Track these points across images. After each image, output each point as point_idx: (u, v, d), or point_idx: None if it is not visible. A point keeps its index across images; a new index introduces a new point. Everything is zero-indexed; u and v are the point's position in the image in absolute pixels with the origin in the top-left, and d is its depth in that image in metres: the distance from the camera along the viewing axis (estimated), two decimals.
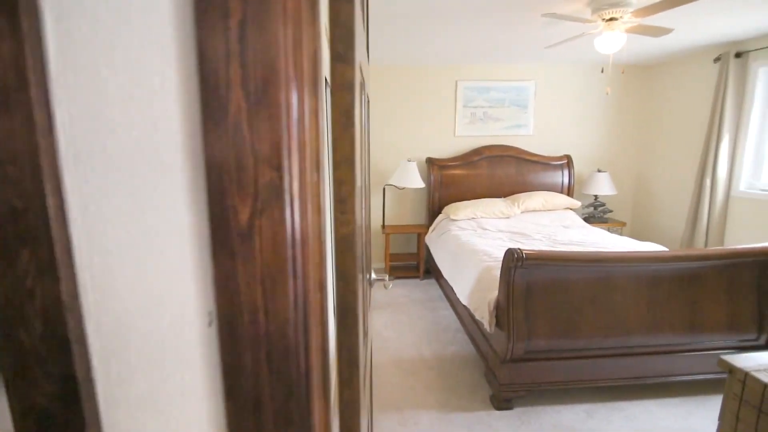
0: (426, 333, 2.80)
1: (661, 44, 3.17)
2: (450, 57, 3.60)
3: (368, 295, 1.04)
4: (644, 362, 1.97)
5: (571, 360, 1.92)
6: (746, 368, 1.00)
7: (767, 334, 2.00)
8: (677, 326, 1.95)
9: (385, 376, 2.28)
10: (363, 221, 0.72)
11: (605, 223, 4.05)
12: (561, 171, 4.08)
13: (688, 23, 2.57)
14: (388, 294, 3.57)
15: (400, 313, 3.17)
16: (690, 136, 3.66)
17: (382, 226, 4.02)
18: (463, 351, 2.54)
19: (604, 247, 2.80)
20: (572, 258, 1.75)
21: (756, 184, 3.13)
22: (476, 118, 4.10)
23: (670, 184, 3.93)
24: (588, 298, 1.89)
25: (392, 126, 4.07)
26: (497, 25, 2.56)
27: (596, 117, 4.21)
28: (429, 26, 2.63)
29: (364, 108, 0.69)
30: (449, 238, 3.31)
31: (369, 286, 1.11)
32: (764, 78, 2.99)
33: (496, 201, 3.78)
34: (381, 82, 3.96)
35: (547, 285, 1.85)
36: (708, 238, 3.37)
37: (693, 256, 1.81)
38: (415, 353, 2.52)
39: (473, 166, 4.04)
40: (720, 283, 1.96)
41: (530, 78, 4.06)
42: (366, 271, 1.10)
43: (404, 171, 3.74)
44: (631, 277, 1.90)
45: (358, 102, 0.46)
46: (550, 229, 3.38)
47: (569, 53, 3.48)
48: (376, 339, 2.73)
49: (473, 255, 2.69)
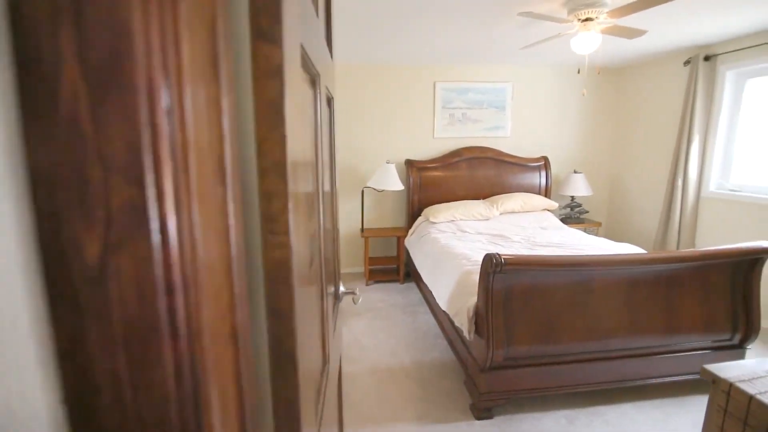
0: (405, 339, 2.73)
1: (634, 47, 3.22)
2: (427, 57, 3.55)
3: (334, 311, 0.95)
4: (623, 365, 1.95)
5: (551, 366, 1.88)
6: (730, 378, 0.96)
7: (741, 333, 2.03)
8: (655, 328, 1.95)
9: (362, 387, 2.19)
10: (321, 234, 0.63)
11: (581, 223, 4.09)
12: (538, 172, 4.10)
13: (660, 25, 2.60)
14: (368, 299, 3.48)
15: (380, 318, 3.08)
16: (662, 137, 3.74)
17: (361, 230, 3.93)
18: (443, 357, 2.48)
19: (582, 248, 2.80)
20: (551, 262, 1.71)
21: (725, 185, 3.21)
22: (455, 119, 4.07)
23: (644, 184, 4.00)
24: (567, 303, 1.86)
25: (371, 127, 3.99)
26: (473, 24, 2.52)
27: (572, 119, 4.25)
28: (404, 24, 2.56)
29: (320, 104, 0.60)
30: (428, 241, 3.26)
31: (337, 301, 1.01)
32: (732, 81, 3.07)
33: (475, 203, 3.75)
34: (357, 82, 3.88)
35: (526, 290, 1.81)
36: (680, 237, 3.44)
37: (670, 258, 1.81)
38: (393, 361, 2.44)
39: (452, 167, 4.00)
40: (695, 285, 1.97)
41: (508, 80, 4.07)
42: (334, 283, 1.01)
43: (383, 173, 3.66)
44: (610, 280, 1.88)
45: (296, 93, 0.38)
46: (528, 231, 3.37)
47: (546, 55, 3.49)
48: (353, 347, 2.63)
49: (452, 259, 2.63)
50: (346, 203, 4.09)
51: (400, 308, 3.28)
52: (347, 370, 2.34)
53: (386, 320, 3.06)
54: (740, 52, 2.94)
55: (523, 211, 3.77)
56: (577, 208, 4.18)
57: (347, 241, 4.17)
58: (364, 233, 3.80)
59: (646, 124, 3.94)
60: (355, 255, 4.21)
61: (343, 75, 3.84)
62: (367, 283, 3.84)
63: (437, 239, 3.19)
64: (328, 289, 0.84)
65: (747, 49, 2.88)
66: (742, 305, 2.00)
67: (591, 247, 2.81)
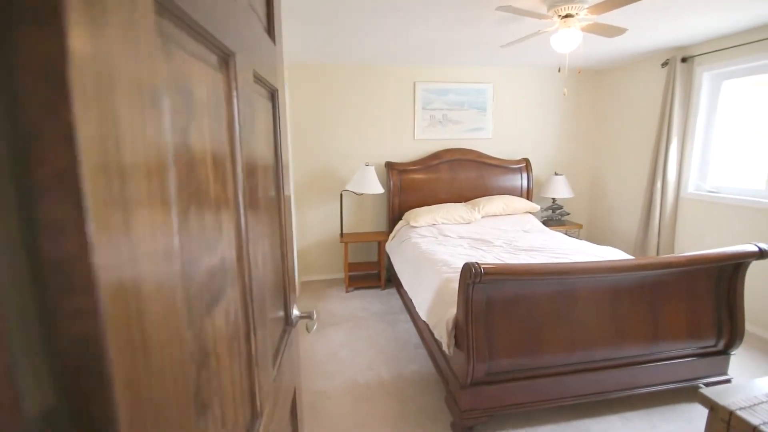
0: (385, 351, 2.60)
1: (613, 48, 3.19)
2: (407, 57, 3.44)
3: (284, 341, 0.81)
4: (608, 376, 1.87)
5: (535, 380, 1.78)
6: (730, 406, 0.87)
7: (725, 339, 1.98)
8: (640, 336, 1.88)
9: (337, 406, 2.04)
10: (246, 261, 0.50)
11: (563, 225, 4.06)
12: (520, 174, 4.05)
13: (639, 24, 2.56)
14: (348, 308, 3.34)
15: (359, 328, 2.95)
16: (641, 139, 3.74)
17: (341, 235, 3.78)
18: (424, 370, 2.36)
19: (565, 252, 2.73)
20: (533, 271, 1.61)
21: (703, 186, 3.21)
22: (435, 120, 3.98)
23: (624, 186, 4.00)
24: (551, 312, 1.77)
25: (349, 129, 3.86)
26: (450, 20, 2.42)
27: (553, 120, 4.22)
28: (378, 20, 2.44)
29: (239, 93, 0.47)
30: (409, 246, 3.14)
31: (289, 327, 0.87)
32: (708, 82, 3.07)
33: (456, 206, 3.66)
34: (335, 82, 3.74)
35: (507, 300, 1.71)
36: (660, 239, 3.43)
37: (656, 264, 1.74)
38: (371, 376, 2.31)
39: (433, 170, 3.90)
40: (680, 290, 1.91)
41: (488, 80, 4.00)
42: (284, 307, 0.87)
43: (362, 176, 3.52)
44: (594, 287, 1.79)
45: (144, 63, 0.24)
46: (510, 234, 3.29)
47: (527, 55, 3.43)
48: (330, 361, 2.48)
49: (432, 265, 2.52)
50: (324, 207, 3.94)
51: (381, 316, 3.15)
52: (321, 388, 2.20)
53: (366, 330, 2.92)
54: (716, 54, 2.94)
55: (505, 213, 3.70)
56: (558, 210, 4.15)
57: (326, 247, 4.02)
58: (344, 238, 3.66)
59: (626, 126, 3.93)
60: (334, 261, 4.06)
61: (319, 75, 3.70)
62: (347, 290, 3.69)
63: (418, 244, 3.08)
64: (272, 316, 0.71)
65: (723, 51, 2.88)
66: (726, 310, 1.96)
67: (573, 250, 2.75)
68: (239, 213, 0.48)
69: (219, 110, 0.43)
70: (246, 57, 0.51)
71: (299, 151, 3.80)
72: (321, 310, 3.29)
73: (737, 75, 2.90)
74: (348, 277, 3.70)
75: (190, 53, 0.35)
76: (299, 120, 3.74)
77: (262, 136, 0.65)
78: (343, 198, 3.91)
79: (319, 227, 3.97)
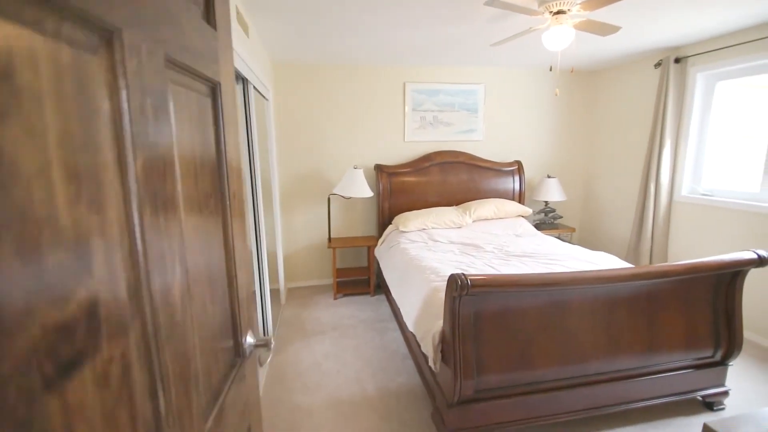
0: (371, 362, 2.48)
1: (605, 48, 3.12)
2: (396, 57, 3.35)
3: (232, 379, 0.70)
4: (602, 390, 1.78)
5: (526, 396, 1.68)
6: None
7: (723, 349, 1.90)
8: (635, 347, 1.79)
9: (317, 423, 1.93)
10: (147, 292, 0.39)
11: (556, 229, 3.98)
12: (512, 177, 3.96)
13: (632, 22, 2.49)
14: (335, 315, 3.22)
15: (345, 337, 2.83)
16: (635, 141, 3.68)
17: (329, 240, 3.67)
18: (411, 382, 2.25)
19: (558, 257, 2.64)
20: (523, 282, 1.51)
21: (697, 189, 3.15)
22: (426, 122, 3.88)
23: (617, 189, 3.93)
24: (542, 324, 1.67)
25: (337, 130, 3.75)
26: (440, 18, 2.33)
27: (545, 122, 4.15)
28: (365, 17, 2.34)
29: (140, 83, 0.36)
30: (397, 252, 3.03)
31: (240, 359, 0.76)
32: (702, 83, 3.01)
33: (447, 210, 3.57)
34: (321, 82, 3.63)
35: (497, 312, 1.61)
36: (653, 242, 3.36)
37: (652, 273, 1.65)
38: (356, 390, 2.19)
39: (424, 172, 3.81)
40: (676, 300, 1.82)
41: (479, 81, 3.92)
42: (233, 336, 0.76)
43: (351, 179, 3.41)
44: (587, 297, 1.70)
45: None
46: (502, 239, 3.20)
47: (518, 55, 3.35)
48: (313, 373, 2.36)
49: (420, 273, 2.42)
50: (311, 212, 3.82)
51: (369, 324, 3.04)
52: (302, 402, 2.08)
53: (353, 338, 2.81)
54: (710, 54, 2.88)
55: (497, 217, 3.62)
56: (551, 213, 4.07)
57: (313, 253, 3.90)
58: (332, 243, 3.54)
59: (619, 128, 3.87)
60: (322, 267, 3.94)
61: (305, 75, 3.59)
62: (335, 296, 3.57)
63: (407, 250, 2.97)
64: (210, 351, 0.59)
65: (716, 51, 2.82)
66: (724, 320, 1.88)
67: (566, 256, 2.66)
68: (132, 227, 0.38)
69: (88, 101, 0.32)
70: (148, 37, 0.41)
71: (285, 153, 3.68)
72: (307, 319, 3.17)
73: (731, 76, 2.84)
74: (336, 283, 3.58)
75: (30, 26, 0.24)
76: (285, 120, 3.63)
77: (187, 132, 0.54)
78: (331, 202, 3.80)
79: (306, 232, 3.85)
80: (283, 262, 3.52)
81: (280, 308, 3.38)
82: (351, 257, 3.99)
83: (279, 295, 3.43)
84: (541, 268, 2.45)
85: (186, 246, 0.54)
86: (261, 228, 2.54)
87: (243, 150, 2.40)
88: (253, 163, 2.40)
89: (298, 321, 3.13)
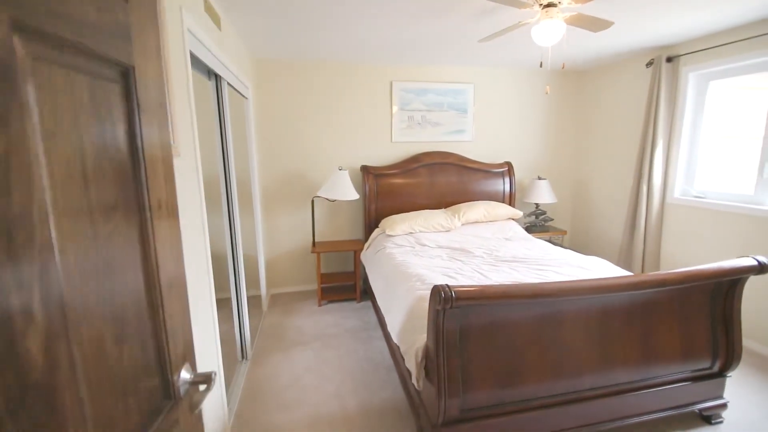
0: (354, 375, 2.35)
1: (596, 45, 3.04)
2: (382, 54, 3.23)
3: (162, 427, 0.57)
4: (597, 406, 1.67)
5: (516, 414, 1.57)
6: None
7: (721, 360, 1.81)
8: (630, 360, 1.69)
9: None
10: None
11: (547, 231, 3.90)
12: (502, 178, 3.87)
13: (623, 19, 2.40)
14: (319, 324, 3.08)
15: (328, 347, 2.69)
16: (626, 141, 3.61)
17: (313, 244, 3.53)
18: (395, 397, 2.13)
19: (548, 263, 2.54)
20: (512, 293, 1.40)
21: (689, 191, 3.08)
22: (414, 122, 3.77)
23: (609, 190, 3.86)
24: (532, 337, 1.56)
25: (321, 130, 3.61)
26: (423, 11, 2.21)
27: (536, 123, 4.07)
28: (337, 9, 2.21)
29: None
30: (384, 257, 2.91)
31: (170, 403, 0.63)
32: (694, 83, 2.95)
33: (435, 213, 3.45)
34: (304, 80, 3.49)
35: (484, 325, 1.49)
36: (646, 245, 3.29)
37: (647, 282, 1.55)
38: (336, 407, 2.06)
39: (412, 174, 3.69)
40: (673, 309, 1.73)
41: (469, 81, 3.82)
42: (161, 375, 0.63)
43: (336, 181, 3.28)
44: (580, 308, 1.60)
45: None
46: (492, 243, 3.10)
47: (507, 54, 3.26)
48: (292, 388, 2.22)
49: (406, 280, 2.29)
50: (294, 215, 3.67)
51: (354, 333, 2.91)
52: (278, 422, 1.94)
53: (336, 349, 2.67)
54: (702, 53, 2.82)
55: (487, 220, 3.51)
56: (541, 215, 3.99)
57: (297, 258, 3.75)
58: (316, 248, 3.40)
59: (610, 129, 3.80)
60: (306, 272, 3.80)
61: (288, 72, 3.45)
62: (319, 303, 3.43)
63: (393, 255, 2.85)
64: (127, 391, 0.46)
65: (709, 50, 2.76)
66: (723, 329, 1.79)
67: (558, 261, 2.56)
68: None
69: None
70: None
71: (266, 154, 3.53)
72: (289, 327, 3.03)
73: (724, 75, 2.78)
74: (321, 289, 3.44)
75: None
76: (266, 120, 3.48)
77: (66, 126, 0.41)
78: (316, 205, 3.66)
79: (289, 236, 3.70)
80: (264, 267, 3.36)
81: (262, 316, 3.23)
82: (337, 262, 3.85)
83: (260, 302, 3.28)
84: (532, 275, 2.34)
85: (62, 277, 0.40)
86: (237, 232, 2.40)
87: (217, 152, 2.25)
88: (228, 165, 2.26)
89: (279, 330, 2.98)
